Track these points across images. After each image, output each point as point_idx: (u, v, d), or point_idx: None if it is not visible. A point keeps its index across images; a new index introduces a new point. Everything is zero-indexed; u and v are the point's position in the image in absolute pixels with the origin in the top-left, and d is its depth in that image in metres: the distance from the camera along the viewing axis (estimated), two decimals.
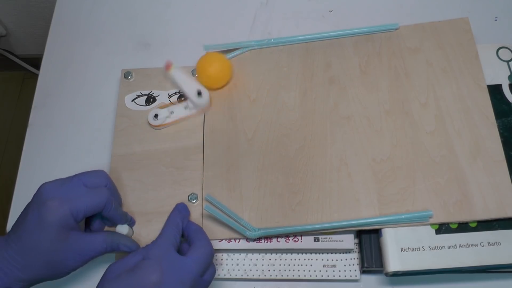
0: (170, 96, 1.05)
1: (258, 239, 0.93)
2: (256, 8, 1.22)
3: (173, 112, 1.02)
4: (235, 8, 1.23)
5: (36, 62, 2.16)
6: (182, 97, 1.05)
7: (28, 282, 0.81)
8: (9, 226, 1.00)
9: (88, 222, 0.92)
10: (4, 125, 2.48)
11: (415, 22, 1.07)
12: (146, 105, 1.04)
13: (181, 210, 0.91)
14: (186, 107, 1.03)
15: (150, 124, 1.02)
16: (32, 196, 0.84)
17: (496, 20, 1.15)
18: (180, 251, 0.84)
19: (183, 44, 1.19)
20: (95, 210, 0.84)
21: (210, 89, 1.04)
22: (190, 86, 1.02)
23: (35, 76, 1.21)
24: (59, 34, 1.24)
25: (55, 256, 0.81)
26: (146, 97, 1.05)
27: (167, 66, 1.03)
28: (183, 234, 0.88)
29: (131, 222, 0.94)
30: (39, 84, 1.18)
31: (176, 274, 0.78)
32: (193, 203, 0.96)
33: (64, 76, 1.18)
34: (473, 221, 0.90)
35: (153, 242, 0.83)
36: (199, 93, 1.00)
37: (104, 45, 1.21)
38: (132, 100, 1.05)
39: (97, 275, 0.97)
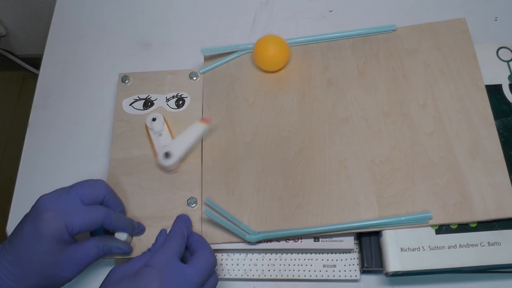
0: (167, 99, 1.05)
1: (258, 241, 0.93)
2: (256, 8, 1.22)
3: (160, 135, 1.01)
4: (235, 8, 1.23)
5: (36, 62, 2.16)
6: (180, 100, 1.05)
7: None
8: (9, 226, 1.01)
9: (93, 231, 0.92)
10: (4, 125, 2.48)
11: (415, 22, 1.07)
12: (144, 109, 1.04)
13: (184, 220, 0.91)
14: (160, 135, 1.01)
15: (145, 124, 1.02)
16: (33, 196, 0.84)
17: (496, 20, 1.15)
18: (182, 260, 0.84)
19: (184, 44, 1.19)
20: (90, 227, 0.84)
21: (266, 71, 1.06)
22: (177, 142, 0.99)
23: (35, 76, 1.21)
24: (59, 34, 1.24)
25: (49, 268, 0.81)
26: (143, 101, 1.05)
27: (205, 120, 1.01)
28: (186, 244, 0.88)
29: (139, 230, 0.94)
30: (39, 84, 1.18)
31: (177, 283, 0.78)
32: (192, 207, 0.96)
33: (64, 76, 1.18)
34: (473, 222, 0.90)
35: (158, 249, 0.83)
36: (166, 155, 0.97)
37: (104, 45, 1.21)
38: (130, 104, 1.05)
39: (93, 280, 0.98)
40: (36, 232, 0.80)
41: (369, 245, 0.93)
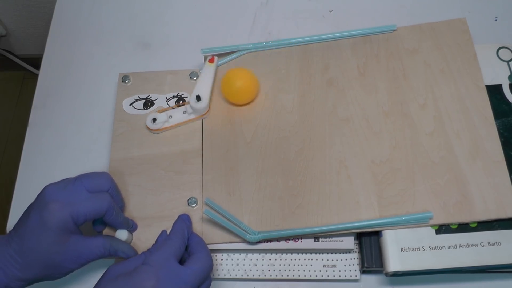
0: (168, 99, 1.05)
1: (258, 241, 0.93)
2: (256, 8, 1.22)
3: (171, 117, 1.02)
4: (235, 8, 1.23)
5: (36, 62, 2.16)
6: (180, 100, 1.05)
7: (26, 281, 0.82)
8: (9, 226, 1.01)
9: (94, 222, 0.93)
10: (4, 125, 2.47)
11: (416, 22, 1.07)
12: (144, 109, 1.04)
13: (185, 221, 0.91)
14: (184, 112, 1.03)
15: (148, 128, 1.02)
16: (33, 196, 0.85)
17: (496, 20, 1.15)
18: (180, 261, 0.84)
19: (183, 44, 1.19)
20: (96, 215, 0.85)
21: (234, 104, 1.05)
22: (200, 87, 1.02)
23: (35, 76, 1.21)
24: (59, 34, 1.24)
25: (54, 258, 0.82)
26: (144, 101, 1.05)
27: (211, 59, 1.05)
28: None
29: (132, 228, 0.94)
30: (39, 84, 1.18)
31: (172, 283, 0.78)
32: (193, 207, 0.96)
33: (64, 76, 1.18)
34: (473, 222, 0.90)
35: (157, 249, 0.83)
36: (198, 98, 1.00)
37: (104, 45, 1.21)
38: (130, 104, 1.05)
39: (94, 277, 0.97)
40: (42, 222, 0.80)
41: (369, 245, 0.93)
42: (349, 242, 0.93)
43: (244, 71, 1.04)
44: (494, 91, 1.00)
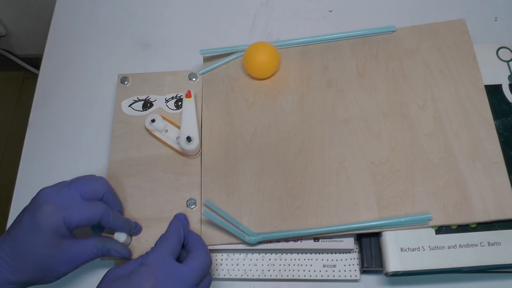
0: (167, 100, 1.05)
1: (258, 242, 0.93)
2: (256, 8, 1.22)
3: (167, 131, 1.02)
4: (235, 8, 1.23)
5: (36, 62, 2.16)
6: (179, 102, 1.05)
7: (19, 285, 0.82)
8: (9, 226, 1.01)
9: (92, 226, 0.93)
10: (4, 125, 2.47)
11: (415, 22, 1.07)
12: (143, 110, 1.04)
13: (181, 219, 0.91)
14: (177, 138, 1.01)
15: (146, 129, 1.02)
16: (31, 198, 0.85)
17: (496, 20, 1.15)
18: (178, 259, 0.84)
19: (183, 44, 1.19)
20: (89, 223, 0.85)
21: (256, 78, 1.06)
22: (187, 126, 1.00)
23: (35, 76, 1.21)
24: (59, 34, 1.24)
25: (46, 261, 0.82)
26: (143, 102, 1.05)
27: (187, 94, 1.03)
28: (183, 243, 0.88)
29: (136, 230, 0.94)
30: (39, 84, 1.18)
31: (171, 282, 0.78)
32: (192, 208, 0.96)
33: (63, 76, 1.18)
34: (473, 223, 0.90)
35: (153, 249, 0.83)
36: (188, 139, 0.98)
37: (104, 45, 1.21)
38: (129, 106, 1.05)
39: (91, 279, 0.98)
40: (34, 224, 0.80)
41: (369, 245, 0.93)
42: (349, 242, 0.93)
43: (266, 44, 1.05)
44: (494, 91, 1.00)
